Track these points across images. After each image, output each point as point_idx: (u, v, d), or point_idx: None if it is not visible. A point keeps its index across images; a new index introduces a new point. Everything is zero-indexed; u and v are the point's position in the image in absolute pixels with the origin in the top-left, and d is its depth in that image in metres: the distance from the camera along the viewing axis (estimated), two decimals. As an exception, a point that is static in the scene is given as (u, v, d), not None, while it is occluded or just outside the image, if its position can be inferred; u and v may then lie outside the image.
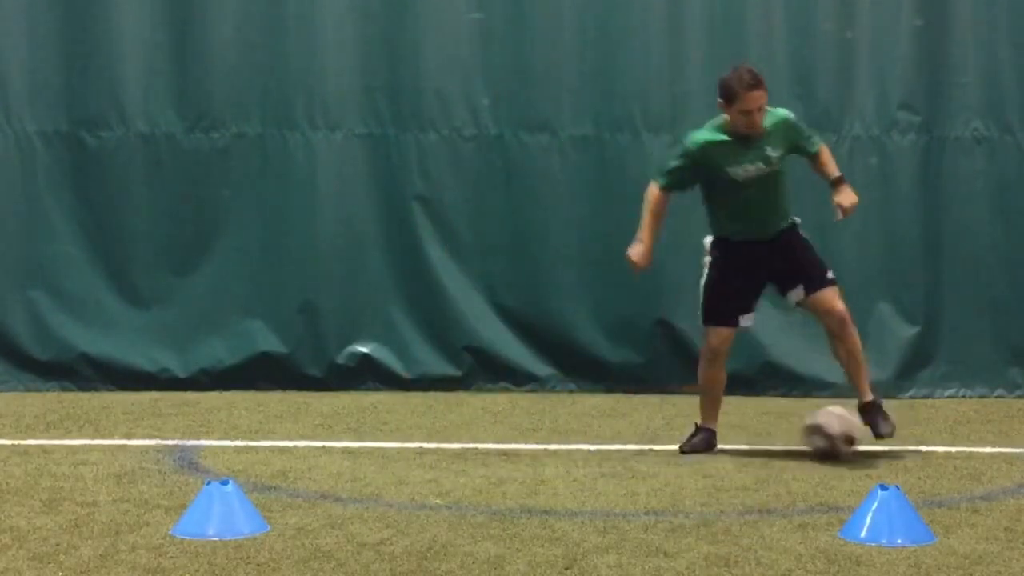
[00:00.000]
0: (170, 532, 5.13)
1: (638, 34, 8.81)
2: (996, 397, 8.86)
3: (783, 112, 6.83)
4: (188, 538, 5.05)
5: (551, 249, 8.80)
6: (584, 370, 8.91)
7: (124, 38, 8.72)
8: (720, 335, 6.83)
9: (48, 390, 8.70)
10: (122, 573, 4.64)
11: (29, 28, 8.69)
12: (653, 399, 8.64)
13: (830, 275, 6.81)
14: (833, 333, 6.80)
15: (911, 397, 8.83)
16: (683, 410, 8.29)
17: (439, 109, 8.81)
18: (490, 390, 8.85)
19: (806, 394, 8.79)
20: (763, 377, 8.86)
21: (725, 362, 6.94)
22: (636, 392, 8.79)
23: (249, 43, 8.77)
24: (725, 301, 6.79)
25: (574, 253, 8.91)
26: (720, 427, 7.69)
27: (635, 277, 7.11)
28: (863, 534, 5.09)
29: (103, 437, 7.20)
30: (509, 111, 8.76)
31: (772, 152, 6.65)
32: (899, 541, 5.03)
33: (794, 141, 6.79)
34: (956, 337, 8.93)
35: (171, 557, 4.82)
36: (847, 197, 6.77)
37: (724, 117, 6.66)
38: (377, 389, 8.82)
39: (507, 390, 8.87)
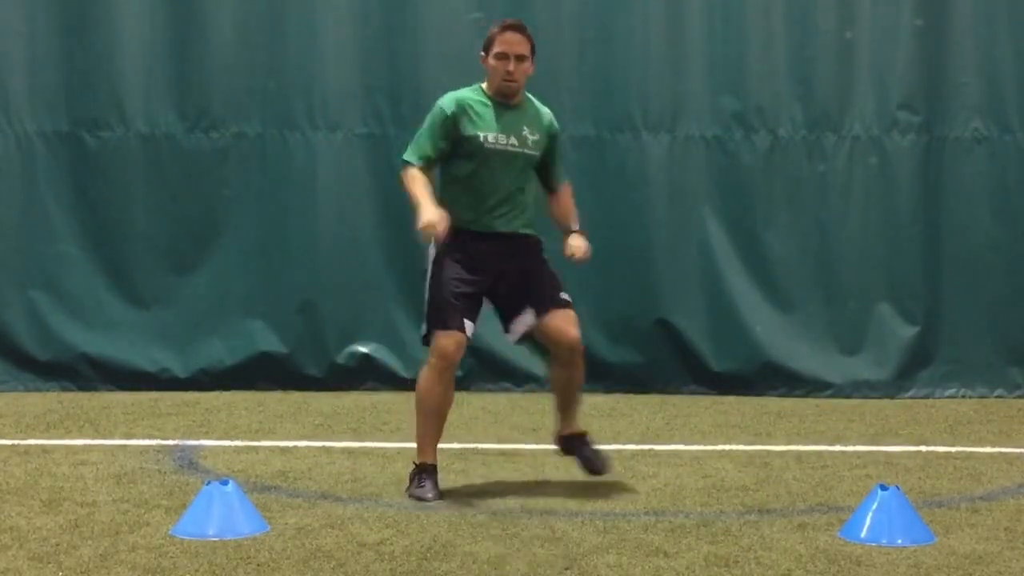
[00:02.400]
0: (170, 532, 5.13)
1: (638, 34, 8.81)
2: (996, 397, 8.86)
3: (553, 116, 6.18)
4: (188, 538, 5.05)
5: (551, 249, 8.77)
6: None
7: (124, 38, 8.73)
8: (453, 340, 5.75)
9: (48, 390, 8.70)
10: (122, 573, 4.65)
11: (29, 28, 8.70)
12: (653, 399, 8.64)
13: (565, 296, 5.98)
14: (562, 362, 5.96)
15: (911, 397, 8.83)
16: (683, 410, 8.30)
17: (439, 109, 8.80)
18: (490, 390, 8.86)
19: (806, 394, 8.80)
20: (763, 377, 8.85)
21: (453, 382, 5.92)
22: (636, 392, 8.79)
23: (249, 43, 8.77)
24: (455, 302, 5.79)
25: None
26: (720, 427, 7.72)
27: (436, 238, 5.76)
28: (863, 534, 5.09)
29: (103, 437, 7.20)
30: (509, 111, 8.75)
31: (529, 134, 5.95)
32: (899, 541, 5.03)
33: (551, 144, 6.08)
34: (956, 337, 8.93)
35: (171, 557, 4.82)
36: (582, 243, 6.08)
37: (483, 84, 6.02)
38: (377, 389, 8.82)
39: (507, 390, 8.87)
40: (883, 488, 5.18)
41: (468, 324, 5.83)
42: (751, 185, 8.89)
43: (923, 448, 7.10)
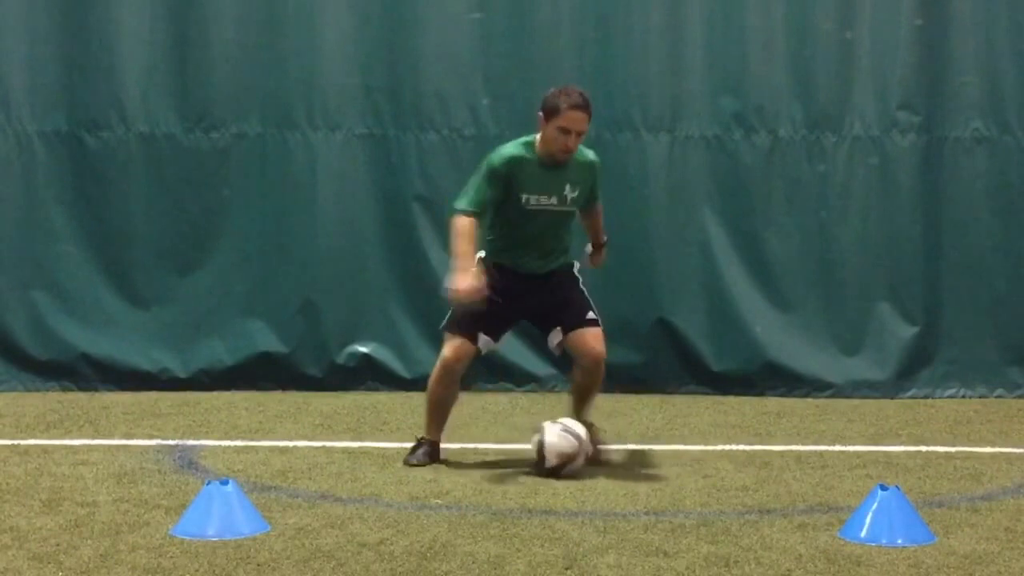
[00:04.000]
0: (170, 532, 5.13)
1: (638, 34, 8.81)
2: (996, 397, 8.86)
3: (593, 155, 6.51)
4: (188, 538, 5.05)
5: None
6: (584, 370, 8.90)
7: (124, 38, 8.72)
8: (457, 349, 6.31)
9: (48, 390, 8.70)
10: (122, 573, 4.65)
11: (29, 28, 8.69)
12: (653, 399, 8.64)
13: (591, 315, 6.49)
14: (585, 371, 6.48)
15: (911, 397, 8.83)
16: (683, 410, 8.30)
17: (439, 109, 8.81)
18: (490, 390, 8.85)
19: (806, 394, 8.80)
20: (763, 377, 8.85)
21: (459, 381, 6.46)
22: (636, 392, 8.78)
23: (249, 43, 8.76)
24: (474, 314, 6.21)
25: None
26: (720, 427, 7.73)
27: (463, 306, 6.20)
28: (863, 534, 5.09)
29: (103, 437, 7.20)
30: (509, 111, 8.75)
31: (569, 191, 6.33)
32: (899, 541, 5.03)
33: (593, 187, 6.50)
34: (956, 337, 8.92)
35: (171, 557, 4.82)
36: (602, 260, 6.87)
37: (535, 136, 6.31)
38: (377, 389, 8.82)
39: (507, 390, 8.87)
40: (883, 488, 5.18)
41: (484, 338, 6.35)
42: (751, 185, 8.89)
43: (923, 448, 7.11)
